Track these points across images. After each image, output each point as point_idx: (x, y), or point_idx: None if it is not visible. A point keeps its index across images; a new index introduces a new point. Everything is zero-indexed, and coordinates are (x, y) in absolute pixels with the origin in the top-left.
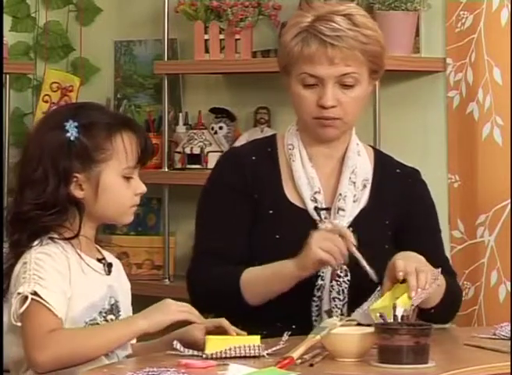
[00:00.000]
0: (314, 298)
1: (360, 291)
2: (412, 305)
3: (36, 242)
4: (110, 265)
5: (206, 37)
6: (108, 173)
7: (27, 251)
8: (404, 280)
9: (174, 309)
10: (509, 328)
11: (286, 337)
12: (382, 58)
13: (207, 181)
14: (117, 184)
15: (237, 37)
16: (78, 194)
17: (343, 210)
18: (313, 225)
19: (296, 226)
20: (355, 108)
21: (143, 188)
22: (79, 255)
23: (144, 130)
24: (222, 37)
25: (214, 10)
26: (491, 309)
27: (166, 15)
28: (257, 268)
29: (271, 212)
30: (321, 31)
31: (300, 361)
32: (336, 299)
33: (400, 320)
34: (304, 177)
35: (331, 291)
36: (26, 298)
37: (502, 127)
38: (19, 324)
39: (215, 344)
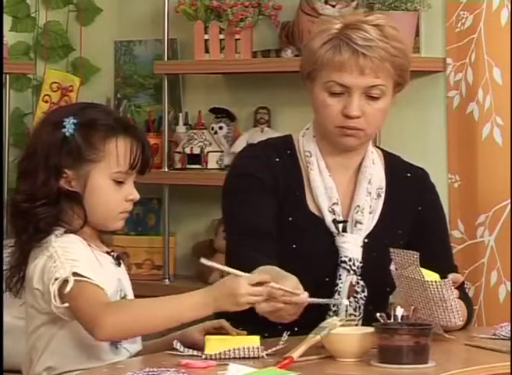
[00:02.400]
0: (330, 313)
1: (375, 306)
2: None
3: (50, 237)
4: (119, 257)
5: (206, 37)
6: (96, 173)
7: (43, 246)
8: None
9: (243, 302)
10: (509, 328)
11: (285, 337)
12: (408, 72)
13: (231, 177)
14: (105, 187)
15: (237, 37)
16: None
17: (361, 223)
18: (330, 237)
19: (314, 237)
20: (378, 121)
21: (135, 195)
22: (90, 246)
23: (145, 139)
24: (222, 37)
25: (214, 10)
26: (491, 309)
27: (166, 15)
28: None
29: (290, 219)
30: (353, 40)
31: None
32: (352, 316)
33: (399, 320)
34: (321, 187)
35: (347, 308)
36: (65, 281)
37: (502, 127)
38: (66, 305)
39: (214, 345)
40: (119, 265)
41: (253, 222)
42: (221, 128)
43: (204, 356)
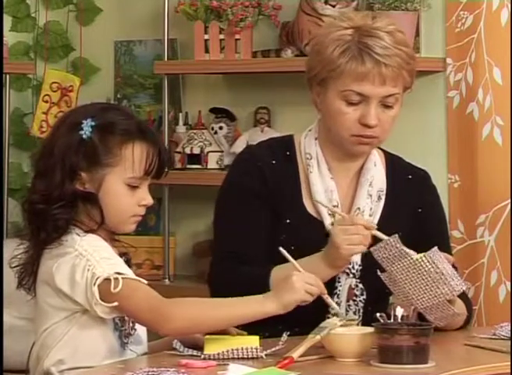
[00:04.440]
0: (329, 316)
1: (374, 308)
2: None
3: (71, 236)
4: (129, 260)
5: (206, 37)
6: (111, 178)
7: (64, 245)
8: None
9: (300, 287)
10: (509, 328)
11: (285, 337)
12: (414, 76)
13: (225, 182)
14: (119, 191)
15: (237, 37)
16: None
17: None
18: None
19: (313, 239)
20: (391, 127)
21: (148, 200)
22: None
23: (162, 144)
24: (222, 37)
25: (214, 10)
26: (491, 309)
27: (166, 15)
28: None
29: (288, 221)
30: (373, 49)
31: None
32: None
33: (399, 320)
34: (321, 190)
35: (348, 311)
36: (106, 280)
37: (502, 127)
38: (115, 304)
39: (213, 344)
40: (129, 267)
41: (239, 246)
42: (221, 128)
43: (202, 356)
